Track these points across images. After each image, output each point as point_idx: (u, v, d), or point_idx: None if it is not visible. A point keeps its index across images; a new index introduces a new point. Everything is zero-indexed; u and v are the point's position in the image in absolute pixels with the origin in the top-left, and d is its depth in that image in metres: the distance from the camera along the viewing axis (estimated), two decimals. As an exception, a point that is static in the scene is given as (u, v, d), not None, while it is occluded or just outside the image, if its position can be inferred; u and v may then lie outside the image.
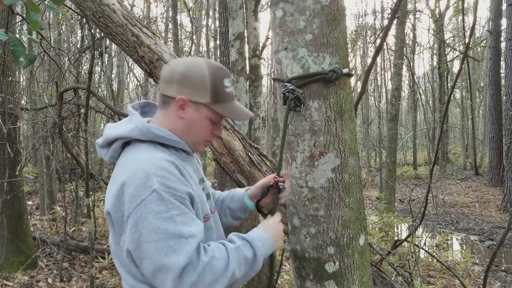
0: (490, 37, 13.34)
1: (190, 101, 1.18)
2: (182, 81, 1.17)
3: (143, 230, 1.01)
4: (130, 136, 1.15)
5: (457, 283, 4.87)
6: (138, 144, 1.16)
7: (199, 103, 1.18)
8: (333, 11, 1.35)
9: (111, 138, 1.18)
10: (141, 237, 1.02)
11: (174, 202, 1.04)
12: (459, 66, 3.41)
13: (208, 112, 1.20)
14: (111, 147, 1.19)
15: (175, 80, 1.17)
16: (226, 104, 1.22)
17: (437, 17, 15.98)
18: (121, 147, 1.18)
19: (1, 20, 4.53)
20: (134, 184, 1.04)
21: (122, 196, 1.05)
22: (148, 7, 15.04)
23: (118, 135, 1.17)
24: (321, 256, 1.37)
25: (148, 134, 1.15)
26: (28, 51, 1.90)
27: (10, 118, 4.63)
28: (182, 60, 1.22)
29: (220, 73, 1.20)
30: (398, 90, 9.08)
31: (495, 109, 12.72)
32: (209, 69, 1.19)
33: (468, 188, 12.74)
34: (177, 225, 1.02)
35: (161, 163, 1.09)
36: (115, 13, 2.17)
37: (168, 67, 1.22)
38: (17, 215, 4.81)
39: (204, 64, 1.19)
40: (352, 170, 1.40)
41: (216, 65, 1.22)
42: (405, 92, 21.25)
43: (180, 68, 1.18)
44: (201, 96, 1.18)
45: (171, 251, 1.00)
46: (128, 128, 1.16)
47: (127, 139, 1.17)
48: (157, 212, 1.02)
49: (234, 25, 3.63)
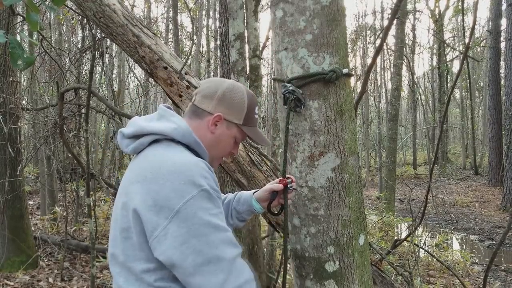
0: (490, 37, 13.34)
1: (225, 119, 1.26)
2: (223, 100, 1.25)
3: (193, 226, 1.01)
4: (170, 135, 1.15)
5: (457, 282, 4.88)
6: (170, 143, 1.16)
7: (232, 123, 1.27)
8: (333, 11, 1.36)
9: (146, 131, 1.16)
10: (189, 232, 1.01)
11: (218, 202, 1.09)
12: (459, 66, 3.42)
13: (237, 132, 1.29)
14: (138, 140, 1.17)
15: (217, 97, 1.25)
16: (253, 128, 1.32)
17: (437, 17, 15.99)
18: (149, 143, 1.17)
19: (2, 20, 4.54)
20: (182, 182, 1.03)
21: (164, 193, 1.03)
22: (148, 8, 15.05)
23: (158, 130, 1.15)
24: (321, 255, 1.38)
25: (189, 138, 1.17)
26: (27, 53, 1.91)
27: (11, 118, 4.64)
28: (224, 80, 1.30)
29: (254, 100, 1.32)
30: (398, 90, 9.08)
31: (495, 109, 12.73)
32: (248, 94, 1.30)
33: (468, 188, 12.74)
34: (223, 222, 1.08)
35: (205, 165, 1.11)
36: (116, 14, 2.18)
37: (210, 83, 1.29)
38: (18, 215, 4.81)
39: (244, 90, 1.30)
40: (352, 169, 1.40)
41: (251, 93, 1.33)
42: (405, 92, 21.26)
43: (223, 87, 1.27)
44: (236, 117, 1.27)
45: (222, 244, 1.03)
46: (169, 126, 1.16)
47: (164, 137, 1.16)
48: (206, 209, 1.03)
49: (234, 26, 3.64)
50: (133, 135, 1.19)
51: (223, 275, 1.01)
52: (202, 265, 1.01)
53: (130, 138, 1.20)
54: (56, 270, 4.86)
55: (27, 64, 1.84)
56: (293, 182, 1.39)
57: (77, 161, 4.60)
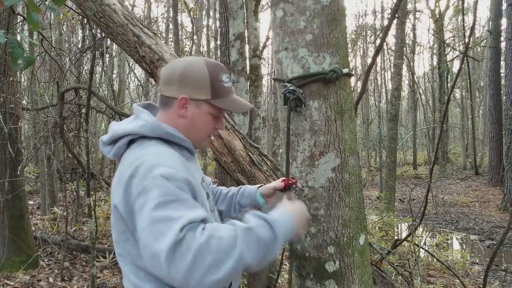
0: (490, 37, 13.33)
1: (191, 99, 1.21)
2: (182, 81, 1.20)
3: (140, 219, 1.01)
4: (139, 132, 1.17)
5: (457, 282, 4.88)
6: (144, 141, 1.17)
7: (200, 100, 1.21)
8: (333, 11, 1.36)
9: (118, 134, 1.19)
10: (140, 225, 1.01)
11: (173, 189, 1.03)
12: (459, 66, 3.42)
13: (209, 107, 1.23)
14: (116, 144, 1.20)
15: (176, 80, 1.21)
16: (225, 99, 1.24)
17: (437, 17, 15.98)
18: (127, 144, 1.19)
19: (2, 20, 4.54)
20: (140, 175, 1.05)
21: (130, 188, 1.06)
22: (148, 7, 15.05)
23: (127, 131, 1.18)
24: (321, 255, 1.38)
25: (157, 130, 1.17)
26: (27, 53, 1.91)
27: (11, 118, 4.64)
28: (180, 61, 1.25)
29: (218, 69, 1.24)
30: (398, 90, 9.08)
31: (495, 109, 12.72)
32: (208, 66, 1.22)
33: (468, 188, 12.74)
34: (169, 210, 1.00)
35: (167, 155, 1.12)
36: (116, 13, 2.18)
37: (167, 69, 1.25)
38: (18, 215, 4.81)
39: (202, 62, 1.23)
40: (352, 169, 1.40)
41: (213, 62, 1.25)
42: (405, 92, 21.24)
43: (180, 68, 1.22)
44: (202, 93, 1.21)
45: (160, 235, 0.96)
46: (137, 125, 1.18)
47: (136, 136, 1.18)
48: (153, 199, 1.00)
49: (234, 25, 3.64)
50: (110, 141, 1.22)
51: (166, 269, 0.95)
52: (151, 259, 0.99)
53: (109, 144, 1.23)
54: (56, 270, 4.86)
55: (27, 64, 1.84)
56: (297, 184, 1.38)
57: (77, 161, 4.61)
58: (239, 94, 3.65)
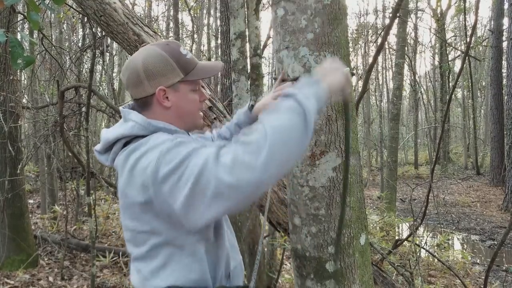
0: (492, 37, 13.31)
1: (168, 88, 1.16)
2: (150, 75, 1.15)
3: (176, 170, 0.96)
4: (132, 134, 1.12)
5: (458, 282, 4.87)
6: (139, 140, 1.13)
7: (176, 83, 1.17)
8: (334, 10, 1.35)
9: (111, 140, 1.15)
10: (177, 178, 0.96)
11: (191, 142, 1.03)
12: (460, 65, 3.40)
13: (186, 85, 1.19)
14: (111, 150, 1.17)
15: (143, 78, 1.15)
16: (194, 70, 1.21)
17: (438, 16, 15.95)
18: (121, 148, 1.15)
19: (3, 19, 4.54)
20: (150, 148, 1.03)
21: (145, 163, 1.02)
22: (149, 6, 15.03)
23: (119, 135, 1.14)
24: (321, 255, 1.37)
25: (150, 128, 1.13)
26: (27, 52, 1.90)
27: (11, 117, 4.64)
28: (134, 59, 1.19)
29: (173, 46, 1.20)
30: (399, 89, 9.06)
31: (497, 109, 12.70)
32: (163, 48, 1.18)
33: (469, 188, 12.72)
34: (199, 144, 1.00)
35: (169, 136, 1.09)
36: (116, 12, 2.17)
37: (127, 72, 1.19)
38: (18, 214, 4.81)
39: (156, 47, 1.18)
40: (353, 169, 1.39)
41: (163, 42, 1.21)
42: (407, 91, 21.25)
43: (139, 64, 1.16)
44: (174, 76, 1.17)
45: (201, 153, 0.94)
46: (128, 127, 1.13)
47: (129, 138, 1.13)
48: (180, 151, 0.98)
49: (235, 24, 3.63)
50: (104, 149, 1.19)
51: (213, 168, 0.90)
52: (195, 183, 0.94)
53: (104, 153, 1.20)
54: (56, 269, 4.85)
55: (27, 63, 1.83)
56: None
57: (77, 160, 4.60)
58: (239, 93, 3.64)
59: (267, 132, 0.89)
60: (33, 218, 6.81)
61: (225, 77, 4.88)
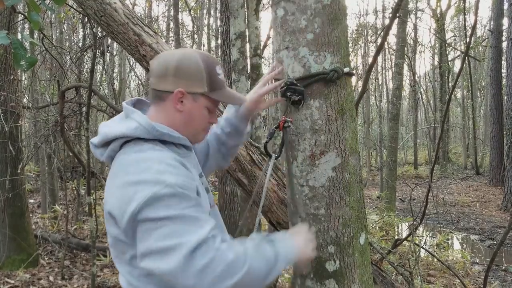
0: (492, 37, 13.31)
1: (188, 93, 1.16)
2: (178, 74, 1.15)
3: (157, 222, 0.98)
4: (133, 135, 1.10)
5: (457, 282, 4.88)
6: (140, 142, 1.11)
7: (197, 93, 1.17)
8: (334, 10, 1.35)
9: (110, 137, 1.13)
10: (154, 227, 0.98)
11: (187, 195, 1.02)
12: (460, 65, 3.41)
13: (206, 101, 1.19)
14: (109, 146, 1.14)
15: (170, 73, 1.15)
16: (221, 91, 1.21)
17: (438, 16, 15.96)
18: (120, 146, 1.13)
19: (3, 19, 4.54)
20: (147, 181, 1.00)
21: (134, 195, 1.00)
22: (149, 6, 15.03)
23: (120, 134, 1.11)
24: (321, 255, 1.38)
25: (153, 133, 1.11)
26: (29, 53, 1.90)
27: (12, 117, 4.64)
28: (172, 53, 1.19)
29: (211, 60, 1.20)
30: (399, 89, 9.07)
31: (496, 109, 12.71)
32: (202, 58, 1.18)
33: (468, 188, 12.73)
34: (192, 213, 1.00)
35: (170, 161, 1.07)
36: (117, 12, 2.17)
37: (159, 61, 1.18)
38: (18, 213, 4.82)
39: (196, 54, 1.18)
40: (352, 169, 1.40)
41: (206, 54, 1.21)
42: (406, 91, 21.24)
43: (173, 60, 1.15)
44: (199, 86, 1.16)
45: (186, 231, 0.97)
46: (131, 127, 1.11)
47: (129, 138, 1.11)
48: (171, 205, 0.99)
49: (235, 24, 3.64)
50: (101, 144, 1.16)
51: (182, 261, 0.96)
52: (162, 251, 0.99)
53: (101, 147, 1.18)
54: (56, 268, 4.86)
55: (29, 64, 1.83)
56: (291, 121, 1.37)
57: (77, 159, 4.61)
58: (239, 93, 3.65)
59: (245, 267, 0.99)
60: (33, 218, 6.82)
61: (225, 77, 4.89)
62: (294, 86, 1.33)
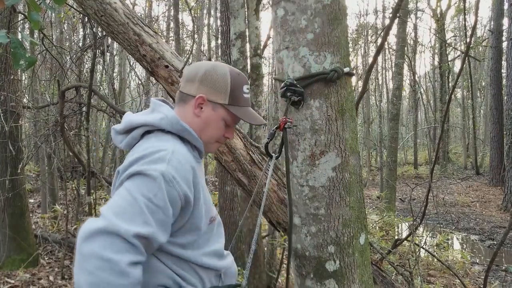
0: (492, 37, 13.31)
1: (208, 100, 1.21)
2: (204, 80, 1.21)
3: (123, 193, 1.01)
4: (158, 125, 1.15)
5: (457, 282, 4.88)
6: (161, 133, 1.16)
7: (217, 103, 1.21)
8: (334, 10, 1.35)
9: (135, 124, 1.17)
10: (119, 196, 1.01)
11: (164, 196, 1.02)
12: (460, 65, 3.41)
13: (224, 113, 1.23)
14: (130, 134, 1.19)
15: (198, 78, 1.21)
16: (242, 108, 1.25)
17: (438, 16, 15.96)
18: (141, 135, 1.18)
19: (3, 18, 4.54)
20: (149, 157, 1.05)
21: (135, 163, 1.05)
22: (149, 6, 15.02)
23: (145, 122, 1.16)
24: (321, 254, 1.38)
25: (176, 126, 1.16)
26: (28, 53, 1.90)
27: (12, 116, 4.64)
28: (207, 62, 1.26)
29: (240, 78, 1.25)
30: (399, 89, 9.07)
31: (496, 109, 12.70)
32: (231, 72, 1.23)
33: (468, 188, 12.73)
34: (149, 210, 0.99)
35: (182, 157, 1.09)
36: (117, 12, 2.17)
37: (191, 67, 1.25)
38: (18, 213, 4.82)
39: (227, 68, 1.24)
40: (352, 169, 1.40)
41: (237, 71, 1.27)
42: (406, 91, 21.23)
43: (204, 68, 1.22)
44: (220, 97, 1.21)
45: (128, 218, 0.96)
46: (157, 117, 1.16)
47: (153, 128, 1.16)
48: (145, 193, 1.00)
49: (235, 24, 3.64)
50: (124, 130, 1.21)
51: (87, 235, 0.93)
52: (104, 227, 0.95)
53: (123, 133, 1.22)
54: (56, 268, 4.86)
55: (29, 64, 1.83)
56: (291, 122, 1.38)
57: (78, 159, 4.61)
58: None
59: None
60: (33, 218, 6.82)
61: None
62: (293, 87, 1.33)
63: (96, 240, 0.92)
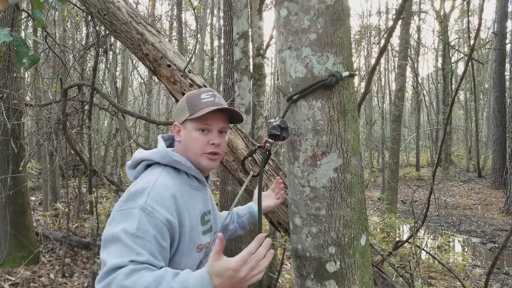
0: (495, 39, 13.27)
1: (180, 124, 1.36)
2: (175, 114, 1.40)
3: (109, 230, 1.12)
4: (151, 159, 1.31)
5: (458, 285, 4.86)
6: (157, 166, 1.31)
7: (184, 121, 1.34)
8: (337, 11, 1.35)
9: (137, 159, 1.35)
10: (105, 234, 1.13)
11: (147, 227, 1.11)
12: (463, 68, 3.40)
13: (191, 124, 1.32)
14: (135, 168, 1.36)
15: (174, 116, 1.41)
16: (203, 109, 1.30)
17: (442, 18, 15.92)
18: (143, 168, 1.34)
19: (7, 16, 4.55)
20: (133, 195, 1.18)
21: (125, 201, 1.19)
22: (153, 5, 15.04)
23: (144, 157, 1.33)
24: (322, 255, 1.37)
25: (166, 158, 1.30)
26: (31, 51, 1.91)
27: (14, 114, 4.65)
28: None
29: (197, 91, 1.37)
30: (401, 91, 9.05)
31: (499, 111, 12.67)
32: (188, 94, 1.38)
33: (470, 190, 12.70)
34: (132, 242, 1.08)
35: (163, 188, 1.21)
36: (120, 11, 2.17)
37: None
38: (20, 211, 4.83)
39: (188, 93, 1.39)
40: (354, 170, 1.40)
41: (199, 90, 1.39)
42: (409, 93, 21.20)
43: None
44: (184, 115, 1.34)
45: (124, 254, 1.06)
46: (151, 152, 1.33)
47: (150, 162, 1.33)
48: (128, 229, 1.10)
49: (238, 24, 3.63)
50: (133, 165, 1.39)
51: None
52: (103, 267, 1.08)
53: (132, 168, 1.39)
54: (57, 266, 4.87)
55: (32, 62, 1.84)
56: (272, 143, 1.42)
57: (79, 157, 4.61)
58: (242, 93, 3.64)
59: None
60: (35, 215, 6.83)
61: (227, 77, 4.87)
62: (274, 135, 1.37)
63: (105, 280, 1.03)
